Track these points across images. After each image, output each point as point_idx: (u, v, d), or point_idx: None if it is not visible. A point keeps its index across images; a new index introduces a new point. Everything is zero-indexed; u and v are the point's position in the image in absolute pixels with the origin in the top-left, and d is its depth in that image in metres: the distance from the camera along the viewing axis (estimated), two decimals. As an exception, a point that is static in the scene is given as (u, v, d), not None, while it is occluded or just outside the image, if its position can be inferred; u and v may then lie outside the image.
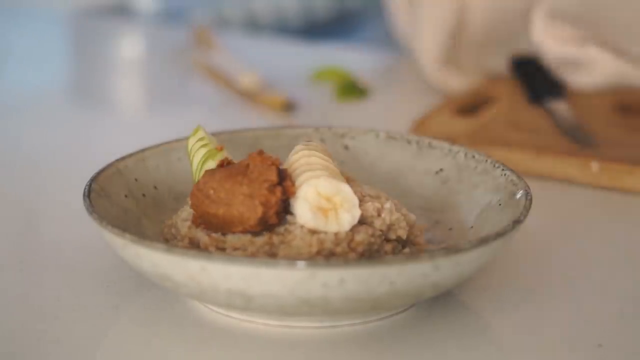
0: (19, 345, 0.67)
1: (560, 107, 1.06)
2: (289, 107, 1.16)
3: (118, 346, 0.67)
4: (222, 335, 0.67)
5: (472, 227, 0.74)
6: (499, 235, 0.65)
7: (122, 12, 2.18)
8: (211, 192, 0.68)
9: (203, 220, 0.69)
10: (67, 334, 0.68)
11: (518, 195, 0.71)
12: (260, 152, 0.69)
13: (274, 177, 0.68)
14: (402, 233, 0.70)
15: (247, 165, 0.69)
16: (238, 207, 0.67)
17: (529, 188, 0.72)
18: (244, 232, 0.67)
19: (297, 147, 0.73)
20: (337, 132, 0.84)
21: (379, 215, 0.70)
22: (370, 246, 0.68)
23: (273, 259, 0.64)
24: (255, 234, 0.67)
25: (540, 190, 0.87)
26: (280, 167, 0.69)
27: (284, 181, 0.68)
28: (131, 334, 0.69)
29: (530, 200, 0.70)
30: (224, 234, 0.68)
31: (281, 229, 0.68)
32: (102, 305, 0.71)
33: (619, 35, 1.14)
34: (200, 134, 0.74)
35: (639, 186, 0.91)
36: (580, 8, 1.14)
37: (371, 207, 0.70)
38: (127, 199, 0.75)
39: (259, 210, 0.67)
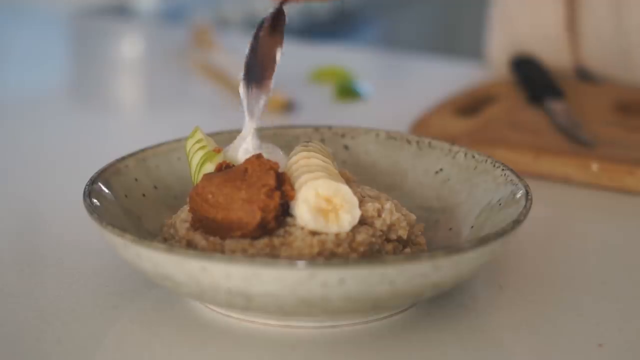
0: (19, 345, 0.67)
1: (560, 107, 1.06)
2: (289, 107, 1.16)
3: (118, 346, 0.67)
4: (222, 335, 0.67)
5: (472, 227, 0.74)
6: (499, 235, 0.65)
7: (122, 12, 2.18)
8: (209, 196, 0.68)
9: (201, 225, 0.69)
10: (67, 334, 0.68)
11: (518, 195, 0.71)
12: (259, 156, 0.69)
13: (272, 181, 0.67)
14: (403, 233, 0.70)
15: (246, 170, 0.68)
16: (237, 212, 0.67)
17: (529, 188, 0.72)
18: (243, 237, 0.67)
19: (296, 149, 0.73)
20: (337, 132, 0.84)
21: (379, 215, 0.70)
22: (371, 246, 0.68)
23: (273, 259, 0.64)
24: (254, 238, 0.67)
25: (540, 190, 0.87)
26: (279, 170, 0.69)
27: (282, 185, 0.68)
28: (131, 334, 0.69)
29: (530, 200, 0.70)
30: (222, 238, 0.68)
31: (281, 231, 0.67)
32: (102, 305, 0.71)
33: None
34: (198, 135, 0.74)
35: (639, 186, 0.91)
36: None
37: (371, 207, 0.70)
38: (127, 199, 0.75)
39: (258, 216, 0.67)
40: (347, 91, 1.24)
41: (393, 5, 2.79)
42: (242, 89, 0.73)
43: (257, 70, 0.72)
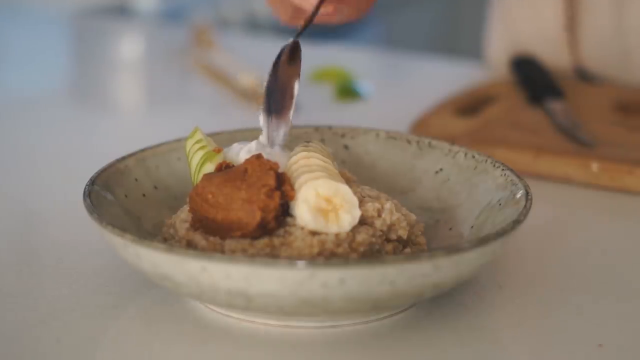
0: (19, 345, 0.67)
1: (560, 107, 1.06)
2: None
3: (118, 346, 0.67)
4: (222, 335, 0.67)
5: (472, 227, 0.74)
6: (499, 235, 0.65)
7: (122, 12, 2.18)
8: (209, 196, 0.68)
9: (201, 225, 0.69)
10: (67, 334, 0.68)
11: (518, 195, 0.71)
12: (259, 157, 0.69)
13: (272, 181, 0.67)
14: (403, 233, 0.70)
15: (246, 170, 0.68)
16: (237, 212, 0.67)
17: (529, 188, 0.72)
18: (243, 237, 0.67)
19: (297, 149, 0.73)
20: (337, 132, 0.84)
21: (379, 215, 0.70)
22: (371, 246, 0.68)
23: (273, 259, 0.64)
24: (254, 238, 0.67)
25: (540, 190, 0.87)
26: (279, 171, 0.69)
27: (282, 185, 0.68)
28: (131, 334, 0.69)
29: (530, 200, 0.70)
30: (222, 238, 0.68)
31: (281, 231, 0.67)
32: (102, 305, 0.71)
33: None
34: (198, 135, 0.74)
35: (639, 186, 0.91)
36: None
37: (371, 207, 0.70)
38: (127, 199, 0.75)
39: (258, 216, 0.67)
40: (347, 91, 1.24)
41: (393, 5, 2.79)
42: (262, 118, 0.74)
43: (277, 101, 0.74)
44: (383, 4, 2.73)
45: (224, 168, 0.71)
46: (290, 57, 0.75)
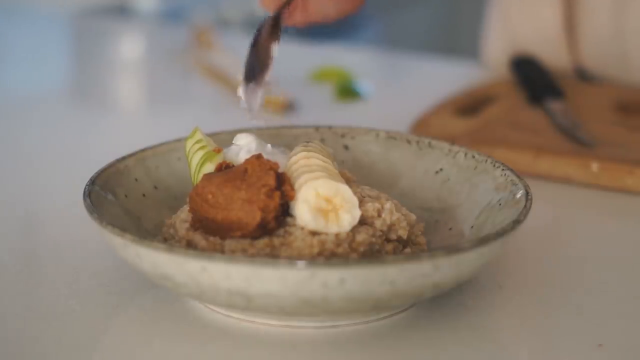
0: (19, 345, 0.67)
1: (560, 107, 1.06)
2: (289, 107, 1.16)
3: (118, 346, 0.67)
4: (222, 335, 0.67)
5: (472, 227, 0.74)
6: (499, 235, 0.65)
7: (122, 12, 2.18)
8: (209, 196, 0.68)
9: (201, 225, 0.69)
10: (67, 334, 0.68)
11: (518, 195, 0.71)
12: (259, 157, 0.69)
13: (272, 181, 0.67)
14: (403, 233, 0.70)
15: (246, 170, 0.68)
16: (237, 212, 0.67)
17: (529, 188, 0.72)
18: (243, 237, 0.67)
19: (296, 149, 0.73)
20: (337, 132, 0.84)
21: (379, 215, 0.70)
22: (371, 246, 0.68)
23: (273, 259, 0.64)
24: (254, 238, 0.67)
25: (540, 190, 0.87)
26: (279, 171, 0.69)
27: (282, 185, 0.68)
28: (131, 334, 0.69)
29: (530, 200, 0.70)
30: (222, 238, 0.68)
31: (281, 231, 0.67)
32: (102, 305, 0.71)
33: None
34: (198, 135, 0.74)
35: (639, 186, 0.91)
36: None
37: (371, 207, 0.70)
38: (127, 199, 0.75)
39: (258, 216, 0.67)
40: (347, 91, 1.24)
41: (393, 5, 2.79)
42: (241, 87, 0.74)
43: (255, 66, 0.73)
44: (383, 4, 2.73)
45: (224, 168, 0.71)
46: (272, 27, 0.75)
